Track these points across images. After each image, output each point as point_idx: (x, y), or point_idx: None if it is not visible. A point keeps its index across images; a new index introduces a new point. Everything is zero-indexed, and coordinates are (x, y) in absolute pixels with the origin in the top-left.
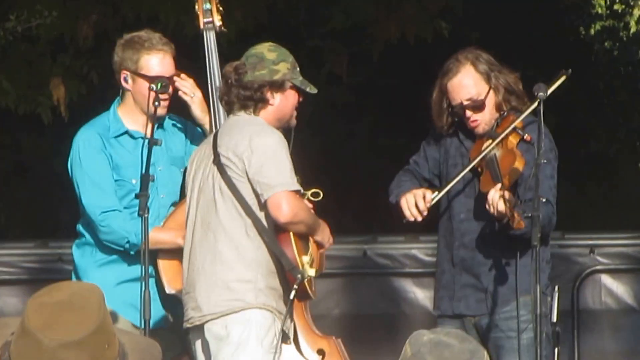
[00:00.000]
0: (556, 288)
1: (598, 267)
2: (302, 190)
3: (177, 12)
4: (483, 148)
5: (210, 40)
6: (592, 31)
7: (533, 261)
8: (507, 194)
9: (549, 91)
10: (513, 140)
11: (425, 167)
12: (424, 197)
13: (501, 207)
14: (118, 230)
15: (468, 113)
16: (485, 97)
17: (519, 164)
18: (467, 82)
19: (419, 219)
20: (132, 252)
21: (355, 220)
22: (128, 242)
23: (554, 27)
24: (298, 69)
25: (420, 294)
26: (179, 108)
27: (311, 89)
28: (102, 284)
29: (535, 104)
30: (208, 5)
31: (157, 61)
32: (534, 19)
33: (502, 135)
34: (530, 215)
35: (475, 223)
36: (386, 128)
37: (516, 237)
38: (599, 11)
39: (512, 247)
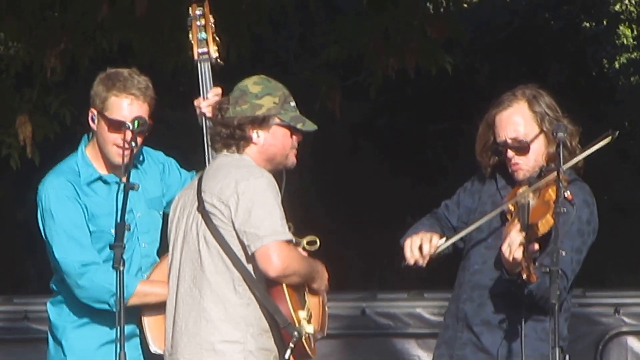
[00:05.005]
0: (567, 357)
1: (624, 329)
2: (294, 240)
3: (153, 45)
4: (517, 194)
5: (205, 72)
6: (617, 64)
7: (551, 321)
8: (529, 245)
9: (591, 151)
10: (552, 194)
11: (455, 213)
12: (431, 241)
13: (518, 254)
14: (101, 285)
15: (510, 153)
16: (532, 140)
17: (551, 218)
18: (516, 119)
19: (421, 263)
20: (115, 310)
21: (353, 273)
22: (114, 295)
23: (575, 59)
24: (292, 103)
25: (426, 358)
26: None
27: (305, 126)
28: (84, 346)
29: (582, 154)
30: (203, 35)
31: (124, 105)
32: (552, 50)
33: (541, 182)
34: (548, 269)
35: (487, 277)
36: (388, 169)
37: (525, 298)
38: (625, 42)
39: (519, 308)
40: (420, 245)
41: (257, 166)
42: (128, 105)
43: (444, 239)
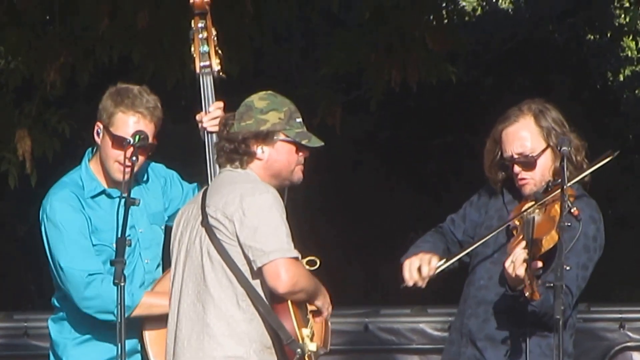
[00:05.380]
0: None
1: (629, 344)
2: (299, 257)
3: (156, 58)
4: (523, 209)
5: (207, 86)
6: (622, 77)
7: (555, 337)
8: (533, 261)
9: (592, 169)
10: (558, 209)
11: (461, 227)
12: (429, 263)
13: (521, 270)
14: (106, 294)
15: (517, 169)
16: (539, 155)
17: (556, 234)
18: (523, 134)
19: (420, 284)
20: (119, 323)
21: (356, 288)
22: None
23: (579, 72)
24: (299, 119)
25: None
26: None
27: (311, 142)
28: None
29: (584, 173)
30: (205, 48)
31: (130, 123)
32: (556, 63)
33: (547, 198)
34: (552, 284)
35: (493, 293)
36: (391, 183)
37: (529, 314)
38: (629, 54)
39: (524, 325)
40: (419, 267)
41: (263, 182)
42: (134, 124)
43: (443, 260)
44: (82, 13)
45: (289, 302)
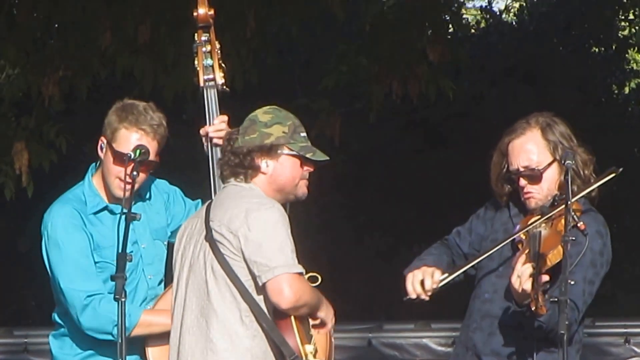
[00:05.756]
0: None
1: (634, 359)
2: (304, 273)
3: (156, 72)
4: (529, 223)
5: (211, 99)
6: (627, 89)
7: (560, 352)
8: (539, 276)
9: (594, 186)
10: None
11: (467, 240)
12: (433, 276)
13: (527, 285)
14: (105, 315)
15: (522, 182)
16: (545, 169)
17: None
18: (529, 147)
19: (423, 297)
20: (119, 340)
21: (359, 302)
22: (117, 326)
23: (584, 85)
24: (303, 133)
25: None
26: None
27: (315, 156)
28: None
29: (586, 190)
30: (209, 61)
31: (132, 140)
32: (561, 76)
33: (553, 212)
34: (557, 299)
35: (498, 306)
36: (393, 197)
37: (535, 329)
38: (634, 67)
39: (530, 340)
40: (422, 280)
41: (267, 197)
42: (136, 140)
43: (446, 274)
44: (83, 27)
45: (292, 317)
